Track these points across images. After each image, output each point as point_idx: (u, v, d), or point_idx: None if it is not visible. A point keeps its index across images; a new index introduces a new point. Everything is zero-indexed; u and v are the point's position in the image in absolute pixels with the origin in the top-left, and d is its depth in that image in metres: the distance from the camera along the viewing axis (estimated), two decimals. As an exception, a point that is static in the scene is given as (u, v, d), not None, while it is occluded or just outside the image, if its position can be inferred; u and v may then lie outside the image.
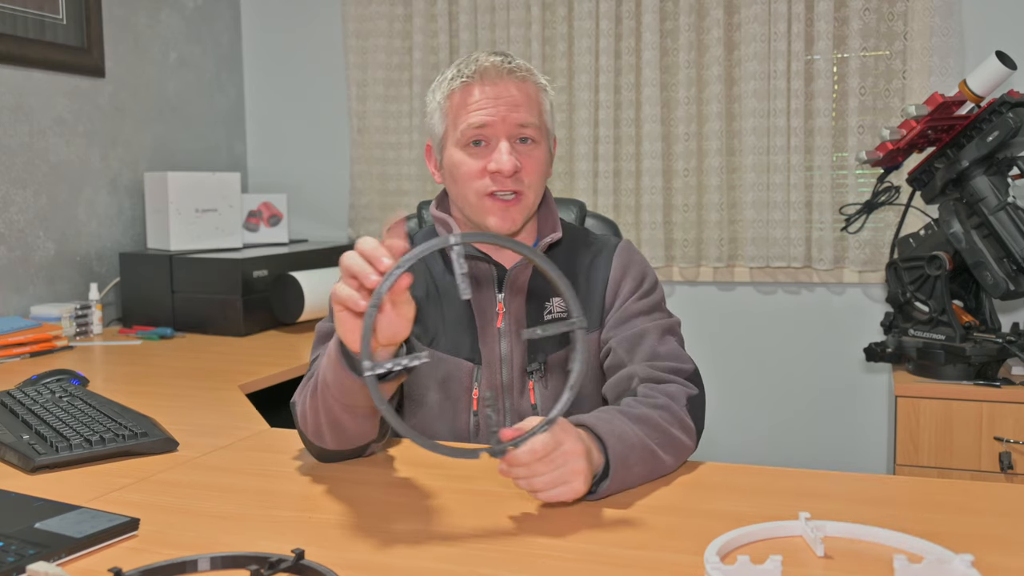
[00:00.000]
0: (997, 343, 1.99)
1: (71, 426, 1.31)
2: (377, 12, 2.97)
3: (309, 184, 3.19)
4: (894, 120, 2.48)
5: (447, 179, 1.31)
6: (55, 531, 0.93)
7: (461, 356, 1.31)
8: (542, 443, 0.96)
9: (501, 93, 1.24)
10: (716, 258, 2.69)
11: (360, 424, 1.13)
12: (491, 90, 1.25)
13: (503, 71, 1.25)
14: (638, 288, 1.33)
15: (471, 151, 1.26)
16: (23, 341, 2.11)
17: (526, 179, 1.26)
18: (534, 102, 1.27)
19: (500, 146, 1.24)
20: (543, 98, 1.30)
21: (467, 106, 1.25)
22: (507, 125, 1.24)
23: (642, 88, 2.70)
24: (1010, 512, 1.00)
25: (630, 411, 1.13)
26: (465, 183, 1.27)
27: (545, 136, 1.30)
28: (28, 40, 2.37)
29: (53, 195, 2.48)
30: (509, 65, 1.26)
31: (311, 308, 2.41)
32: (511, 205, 1.26)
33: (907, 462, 2.02)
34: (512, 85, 1.25)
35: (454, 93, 1.27)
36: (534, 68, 1.31)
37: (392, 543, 0.94)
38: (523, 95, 1.26)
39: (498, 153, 1.24)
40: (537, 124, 1.27)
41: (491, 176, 1.25)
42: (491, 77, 1.25)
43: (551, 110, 1.33)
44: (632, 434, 1.08)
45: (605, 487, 1.04)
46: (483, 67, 1.25)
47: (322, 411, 1.12)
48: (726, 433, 2.75)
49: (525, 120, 1.25)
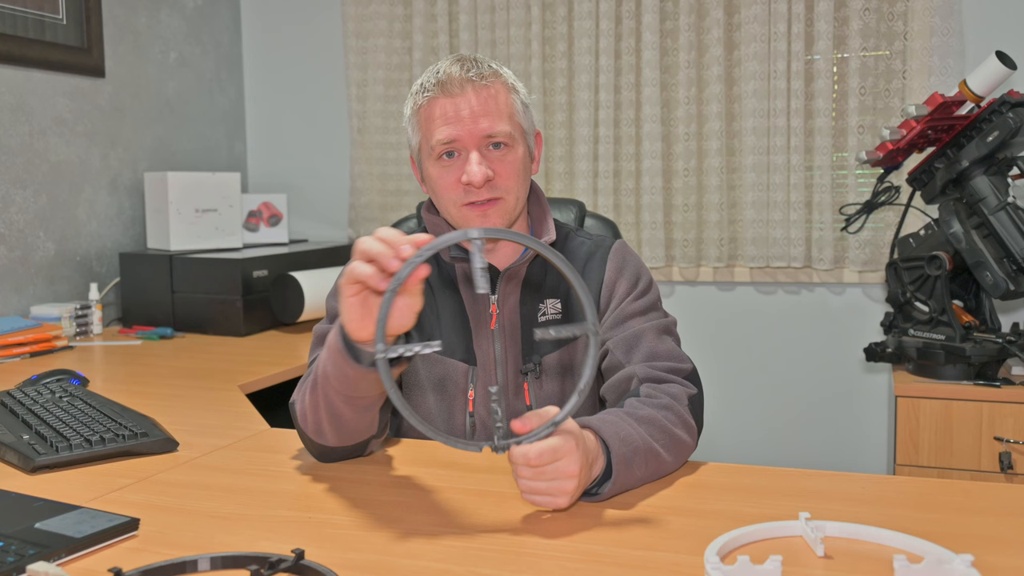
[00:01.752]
0: (997, 343, 1.99)
1: (71, 426, 1.31)
2: (377, 12, 2.97)
3: (309, 184, 3.19)
4: (894, 120, 2.48)
5: (429, 190, 1.32)
6: (55, 531, 0.93)
7: (456, 357, 1.31)
8: (537, 453, 0.95)
9: (461, 105, 1.23)
10: (716, 258, 2.69)
11: (360, 417, 1.13)
12: (452, 104, 1.23)
13: (464, 81, 1.24)
14: (633, 288, 1.33)
15: (444, 164, 1.26)
16: (23, 341, 2.11)
17: (502, 184, 1.26)
18: (501, 106, 1.25)
19: (470, 157, 1.23)
20: (512, 98, 1.28)
21: (433, 120, 1.25)
22: (474, 137, 1.23)
23: (642, 88, 2.70)
24: (1010, 512, 1.00)
25: (635, 412, 1.13)
26: (443, 195, 1.27)
27: (519, 137, 1.28)
28: (28, 40, 2.37)
29: (53, 195, 2.48)
30: (468, 74, 1.24)
31: (311, 308, 2.41)
32: (487, 209, 1.25)
33: (907, 462, 2.02)
34: (473, 95, 1.24)
35: (421, 108, 1.27)
36: (501, 68, 1.29)
37: (392, 543, 0.94)
38: (488, 103, 1.24)
39: (469, 165, 1.23)
40: (507, 130, 1.25)
41: (464, 188, 1.25)
42: (452, 89, 1.24)
43: (524, 108, 1.30)
44: (636, 436, 1.08)
45: (607, 489, 1.04)
46: (442, 80, 1.24)
47: (322, 405, 1.12)
48: (726, 433, 2.75)
49: (491, 129, 1.24)
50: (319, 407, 1.13)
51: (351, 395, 1.09)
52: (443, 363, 1.32)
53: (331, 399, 1.10)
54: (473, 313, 1.32)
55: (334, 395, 1.09)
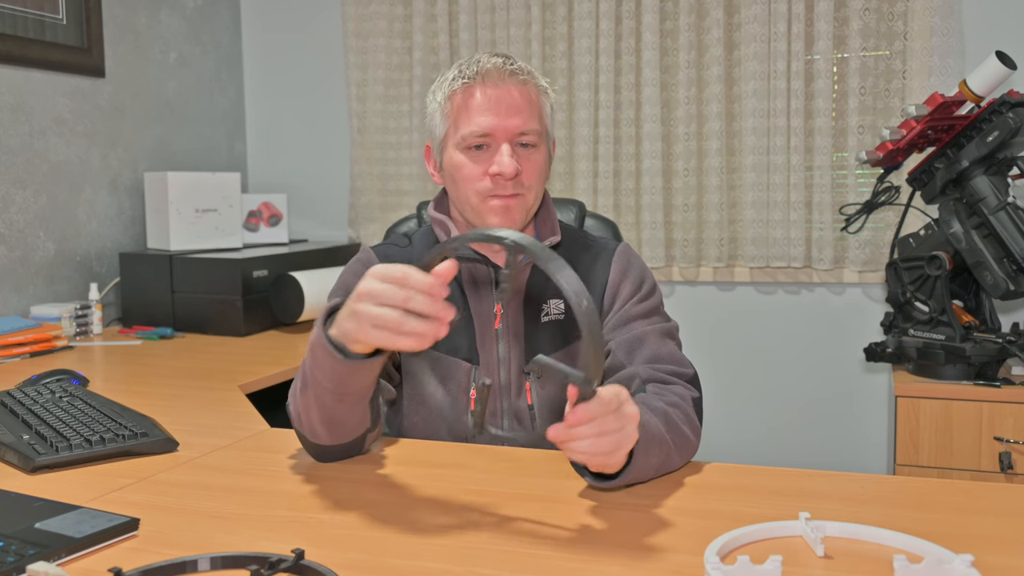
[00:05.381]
0: (997, 343, 1.99)
1: (71, 426, 1.31)
2: (377, 12, 2.97)
3: (309, 184, 3.19)
4: (894, 120, 2.48)
5: (447, 180, 1.32)
6: (55, 531, 0.93)
7: (459, 357, 1.32)
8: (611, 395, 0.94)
9: (503, 96, 1.24)
10: (716, 258, 2.69)
11: (353, 410, 1.13)
12: (493, 92, 1.24)
13: (505, 73, 1.25)
14: (637, 291, 1.34)
15: (472, 154, 1.26)
16: (23, 341, 2.11)
17: (526, 181, 1.27)
18: (535, 106, 1.27)
19: (502, 148, 1.24)
20: (544, 101, 1.30)
21: (468, 109, 1.25)
22: (508, 130, 1.24)
23: (642, 88, 2.70)
24: (1010, 512, 1.00)
25: (649, 403, 1.14)
26: (466, 185, 1.27)
27: (545, 140, 1.30)
28: (28, 40, 2.37)
29: (53, 195, 2.48)
30: (511, 67, 1.26)
31: (311, 308, 2.41)
32: (511, 201, 1.26)
33: (907, 462, 2.02)
34: (514, 88, 1.25)
35: (455, 94, 1.27)
36: (535, 71, 1.30)
37: (392, 543, 0.94)
38: (524, 99, 1.26)
39: (500, 156, 1.24)
40: (538, 129, 1.27)
41: (492, 179, 1.25)
42: (493, 79, 1.25)
43: (551, 113, 1.33)
44: (653, 425, 1.08)
45: (625, 474, 1.03)
46: (485, 69, 1.25)
47: (314, 406, 1.12)
48: (726, 433, 2.75)
49: (526, 127, 1.25)
50: (311, 408, 1.12)
51: (342, 391, 1.08)
52: (446, 362, 1.32)
53: (322, 399, 1.10)
54: (477, 313, 1.32)
55: (325, 395, 1.09)
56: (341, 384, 1.07)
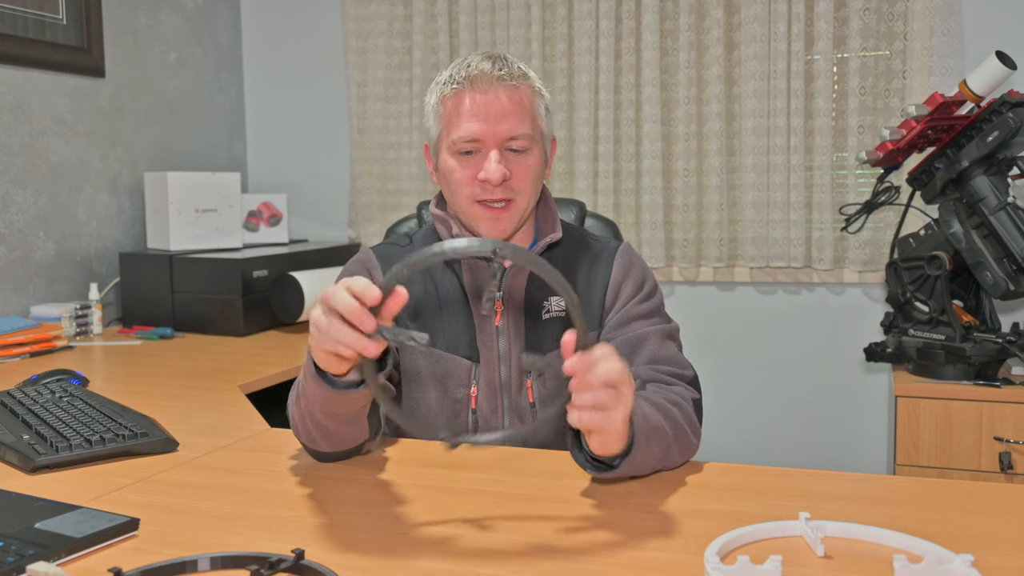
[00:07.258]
0: (997, 343, 1.99)
1: (71, 426, 1.31)
2: (377, 12, 2.97)
3: (309, 184, 3.19)
4: (894, 120, 2.48)
5: (442, 182, 1.33)
6: (55, 531, 0.93)
7: (459, 354, 1.32)
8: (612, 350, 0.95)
9: (491, 102, 1.24)
10: (716, 258, 2.69)
11: (347, 429, 1.14)
12: (481, 98, 1.24)
13: (493, 79, 1.24)
14: (639, 291, 1.34)
15: (462, 159, 1.27)
16: (23, 341, 2.11)
17: (517, 186, 1.27)
18: (526, 109, 1.26)
19: (490, 155, 1.24)
20: (537, 102, 1.29)
21: (459, 114, 1.25)
22: (496, 136, 1.24)
23: (642, 88, 2.70)
24: (1010, 512, 1.00)
25: (651, 397, 1.14)
26: (456, 189, 1.28)
27: (539, 141, 1.29)
28: (28, 40, 2.37)
29: (53, 195, 2.47)
30: (500, 72, 1.25)
31: (311, 308, 2.41)
32: (500, 214, 1.27)
33: (907, 462, 2.02)
34: (503, 92, 1.24)
35: (446, 99, 1.27)
36: (529, 71, 1.30)
37: (392, 543, 0.94)
38: (514, 103, 1.25)
39: (488, 163, 1.24)
40: (529, 133, 1.26)
41: (480, 184, 1.25)
42: (481, 84, 1.24)
43: (546, 113, 1.32)
44: (655, 418, 1.09)
45: (626, 463, 1.03)
46: (473, 73, 1.24)
47: (308, 418, 1.13)
48: (726, 433, 2.75)
49: (515, 131, 1.25)
50: (306, 419, 1.13)
51: (333, 413, 1.10)
52: (446, 360, 1.32)
53: (315, 415, 1.11)
54: (477, 309, 1.32)
55: (317, 412, 1.10)
56: (329, 407, 1.08)
